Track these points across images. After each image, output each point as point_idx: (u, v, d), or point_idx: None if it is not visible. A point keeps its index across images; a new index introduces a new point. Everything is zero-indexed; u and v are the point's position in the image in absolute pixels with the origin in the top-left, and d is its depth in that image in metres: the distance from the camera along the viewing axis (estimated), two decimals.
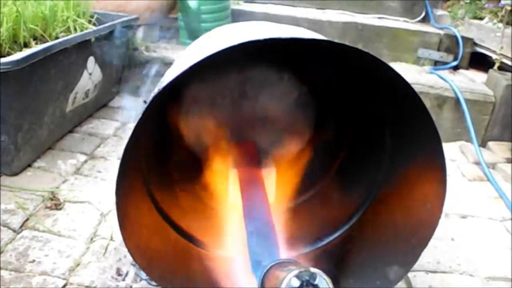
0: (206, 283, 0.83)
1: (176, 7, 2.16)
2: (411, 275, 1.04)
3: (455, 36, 2.28)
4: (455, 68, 2.27)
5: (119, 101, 1.89)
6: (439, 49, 2.31)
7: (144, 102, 0.71)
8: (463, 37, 2.27)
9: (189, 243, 0.90)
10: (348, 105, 0.97)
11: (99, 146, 1.51)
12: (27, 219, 1.08)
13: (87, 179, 1.30)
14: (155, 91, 0.65)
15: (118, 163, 0.65)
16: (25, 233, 1.04)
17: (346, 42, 0.64)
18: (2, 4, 1.28)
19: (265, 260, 0.64)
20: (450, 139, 1.86)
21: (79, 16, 1.58)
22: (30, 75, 1.19)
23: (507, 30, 1.96)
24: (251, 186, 0.86)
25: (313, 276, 0.51)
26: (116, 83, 1.89)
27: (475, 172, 1.63)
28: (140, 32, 2.03)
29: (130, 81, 1.93)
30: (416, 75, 2.07)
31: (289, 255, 0.71)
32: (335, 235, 0.92)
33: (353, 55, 0.66)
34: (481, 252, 1.17)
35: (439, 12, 2.64)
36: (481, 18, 2.31)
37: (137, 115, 0.63)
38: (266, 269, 0.60)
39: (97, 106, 1.77)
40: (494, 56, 2.01)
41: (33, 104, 1.26)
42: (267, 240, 0.71)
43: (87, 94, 1.59)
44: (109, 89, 1.82)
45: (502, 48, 1.94)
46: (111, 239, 1.05)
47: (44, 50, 1.21)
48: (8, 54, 1.21)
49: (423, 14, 2.63)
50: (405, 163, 0.82)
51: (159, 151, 0.96)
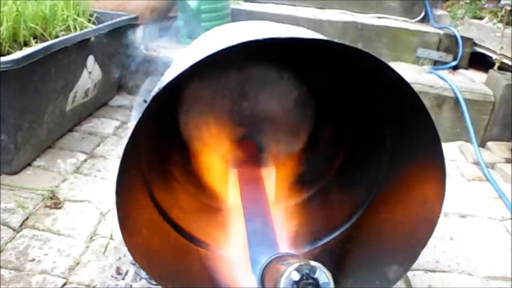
0: (206, 282, 0.83)
1: (176, 6, 2.16)
2: (410, 274, 1.04)
3: (454, 36, 2.28)
4: (455, 68, 2.27)
5: (118, 100, 1.89)
6: (438, 49, 2.31)
7: (144, 101, 0.71)
8: (463, 37, 2.27)
9: (189, 243, 0.90)
10: (348, 105, 0.97)
11: (98, 145, 1.51)
12: (27, 218, 1.09)
13: (87, 178, 1.31)
14: (155, 90, 0.65)
15: (118, 162, 0.65)
16: (25, 232, 1.04)
17: (346, 42, 0.64)
18: (2, 3, 1.28)
19: (264, 259, 0.64)
20: (449, 139, 1.86)
21: (79, 15, 1.58)
22: (30, 74, 1.19)
23: (507, 30, 1.96)
24: (251, 186, 0.86)
25: (313, 269, 0.51)
26: (115, 82, 1.89)
27: (474, 172, 1.63)
28: (139, 31, 2.03)
29: (129, 80, 1.94)
30: (416, 74, 2.07)
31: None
32: (335, 234, 0.92)
33: (353, 55, 0.66)
34: (480, 252, 1.18)
35: (439, 12, 2.64)
36: (481, 18, 2.31)
37: (137, 115, 0.63)
38: (266, 263, 0.60)
39: (97, 105, 1.77)
40: (494, 56, 2.01)
41: (33, 103, 1.26)
42: (267, 239, 0.71)
43: (86, 93, 1.59)
44: (108, 88, 1.82)
45: (502, 48, 1.94)
46: (111, 238, 1.05)
47: (44, 49, 1.21)
48: (8, 53, 1.21)
49: (422, 14, 2.63)
50: (404, 163, 0.82)
51: (159, 150, 0.96)
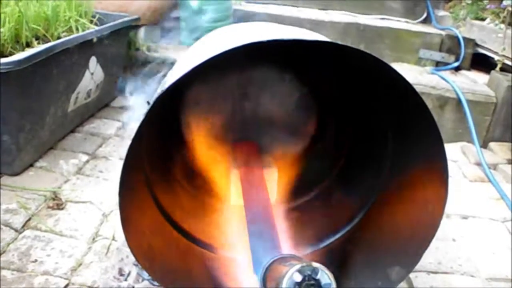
0: (208, 283, 0.83)
1: (178, 7, 2.17)
2: (412, 275, 1.04)
3: (456, 37, 2.28)
4: (457, 69, 2.27)
5: (120, 101, 1.89)
6: (440, 50, 2.31)
7: (148, 103, 0.71)
8: (465, 38, 2.26)
9: (191, 244, 0.90)
10: (350, 106, 0.97)
11: (101, 146, 1.51)
12: (29, 219, 1.09)
13: (89, 179, 1.31)
14: (158, 92, 0.65)
15: (120, 163, 0.65)
16: (27, 233, 1.04)
17: (348, 43, 0.64)
18: (4, 4, 1.29)
19: (266, 260, 0.64)
20: (451, 140, 1.86)
21: (81, 16, 1.58)
22: (32, 75, 1.19)
23: (509, 31, 1.96)
24: (253, 187, 0.86)
25: (315, 270, 0.51)
26: (117, 83, 1.89)
27: (476, 173, 1.63)
28: (141, 32, 2.03)
29: (131, 81, 1.94)
30: (418, 75, 2.07)
31: None
32: (337, 236, 0.92)
33: (354, 56, 0.66)
34: (482, 253, 1.17)
35: (441, 13, 2.64)
36: (483, 19, 2.31)
37: (139, 115, 0.64)
38: (268, 264, 0.60)
39: (99, 106, 1.77)
40: (496, 57, 2.01)
41: (35, 104, 1.26)
42: (269, 240, 0.71)
43: (89, 94, 1.59)
44: (110, 89, 1.82)
45: (504, 49, 1.94)
46: (113, 239, 1.05)
47: (46, 50, 1.21)
48: (10, 54, 1.21)
49: (424, 15, 2.63)
50: (407, 164, 0.82)
51: (162, 151, 0.96)
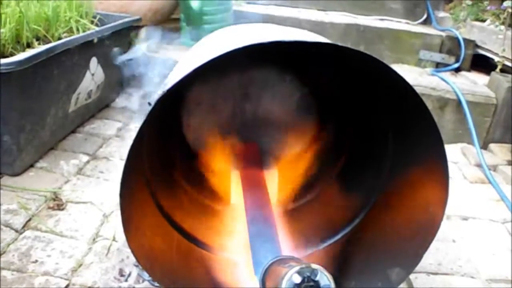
0: (208, 284, 0.83)
1: (178, 8, 2.17)
2: (412, 276, 1.04)
3: (457, 38, 2.28)
4: (457, 70, 2.27)
5: (121, 101, 1.89)
6: (441, 51, 2.31)
7: (149, 104, 0.71)
8: (465, 39, 2.27)
9: (191, 244, 0.90)
10: (350, 107, 0.97)
11: (101, 146, 1.51)
12: (29, 220, 1.09)
13: (90, 179, 1.31)
14: (159, 93, 0.65)
15: (121, 164, 0.65)
16: (28, 233, 1.04)
17: (348, 44, 0.65)
18: (5, 5, 1.29)
19: (267, 261, 0.65)
20: (451, 141, 1.86)
21: (81, 16, 1.58)
22: (33, 75, 1.19)
23: (509, 33, 1.96)
24: (253, 188, 0.86)
25: (314, 272, 0.51)
26: (118, 84, 1.89)
27: (476, 174, 1.63)
28: (142, 33, 2.03)
29: (132, 81, 1.94)
30: (418, 77, 2.07)
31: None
32: (337, 237, 0.92)
33: (354, 57, 0.66)
34: (482, 254, 1.18)
35: (441, 14, 2.64)
36: (483, 20, 2.31)
37: (140, 116, 0.64)
38: (267, 265, 0.60)
39: (100, 106, 1.77)
40: (496, 58, 2.01)
41: (36, 105, 1.26)
42: (269, 241, 0.71)
43: (89, 95, 1.59)
44: (111, 89, 1.82)
45: (504, 50, 1.94)
46: (114, 239, 1.05)
47: (47, 50, 1.21)
48: (11, 54, 1.21)
49: (425, 16, 2.63)
50: (407, 166, 0.82)
51: (162, 152, 0.96)
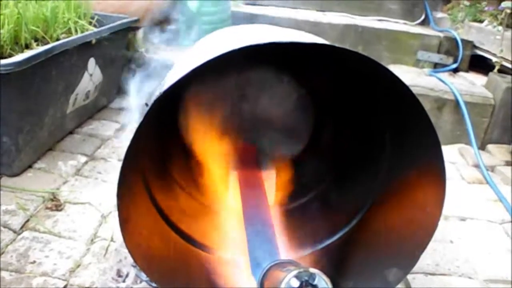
0: (206, 284, 0.83)
1: (177, 8, 2.17)
2: (410, 277, 1.04)
3: (454, 39, 2.28)
4: (455, 70, 2.27)
5: (119, 102, 1.89)
6: (439, 52, 2.32)
7: (146, 104, 0.71)
8: (463, 40, 2.27)
9: (189, 245, 0.90)
10: (348, 109, 0.97)
11: (99, 147, 1.52)
12: (27, 220, 1.09)
13: (88, 180, 1.31)
14: (157, 94, 0.65)
15: (119, 165, 0.65)
16: (26, 234, 1.04)
17: (346, 45, 0.65)
18: (3, 6, 1.29)
19: (265, 262, 0.65)
20: (449, 142, 1.86)
21: (80, 17, 1.58)
22: (31, 76, 1.19)
23: (507, 33, 1.97)
24: (251, 188, 0.86)
25: (312, 276, 0.51)
26: (116, 85, 1.89)
27: (474, 175, 1.63)
28: (140, 34, 2.03)
29: (130, 82, 1.94)
30: (416, 77, 2.08)
31: (288, 257, 0.71)
32: (335, 237, 0.92)
33: (352, 58, 0.66)
34: (480, 255, 1.18)
35: (439, 14, 2.65)
36: (481, 21, 2.31)
37: (138, 117, 0.64)
38: (265, 269, 0.60)
39: (98, 107, 1.77)
40: (494, 59, 2.02)
41: (34, 106, 1.26)
42: (267, 242, 0.71)
43: (87, 96, 1.59)
44: (109, 90, 1.82)
45: (502, 51, 1.95)
46: (112, 240, 1.05)
47: (45, 51, 1.21)
48: (10, 55, 1.21)
49: (423, 16, 2.64)
50: (404, 167, 0.82)
51: (160, 153, 0.96)
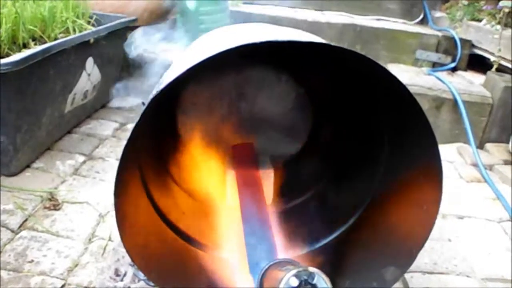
0: (204, 284, 0.83)
1: (175, 8, 2.17)
2: (408, 276, 1.04)
3: (453, 38, 2.28)
4: (453, 69, 2.27)
5: (117, 102, 1.89)
6: (437, 51, 2.32)
7: (143, 103, 0.71)
8: (461, 39, 2.27)
9: (187, 244, 0.90)
10: (346, 108, 0.97)
11: (97, 147, 1.51)
12: (25, 220, 1.09)
13: (86, 179, 1.31)
14: (153, 93, 0.65)
15: (117, 164, 0.65)
16: (24, 233, 1.04)
17: (345, 44, 0.65)
18: (1, 5, 1.29)
19: (263, 261, 0.65)
20: (448, 141, 1.86)
21: (78, 17, 1.58)
22: (29, 76, 1.19)
23: (505, 32, 1.97)
24: (249, 188, 0.86)
25: (311, 275, 0.51)
26: (114, 84, 1.89)
27: (472, 174, 1.63)
28: (139, 33, 2.03)
29: (128, 82, 1.94)
30: (414, 76, 2.07)
31: (286, 256, 0.71)
32: (332, 236, 0.92)
33: (350, 57, 0.66)
34: (478, 253, 1.18)
35: (438, 14, 2.65)
36: (479, 20, 2.32)
37: (136, 117, 0.64)
38: (265, 269, 0.60)
39: (96, 107, 1.77)
40: (492, 58, 2.02)
41: (32, 105, 1.26)
42: (265, 241, 0.71)
43: (85, 95, 1.59)
44: (107, 90, 1.82)
45: (500, 50, 1.95)
46: (110, 239, 1.05)
47: (43, 51, 1.21)
48: (7, 55, 1.21)
49: (421, 16, 2.64)
50: (402, 166, 0.82)
51: (158, 152, 0.96)
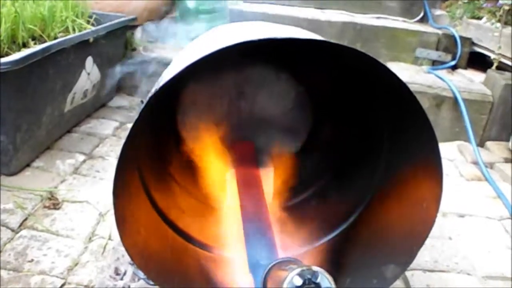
0: (203, 282, 0.83)
1: (174, 7, 2.17)
2: (409, 274, 1.04)
3: (453, 36, 2.28)
4: (453, 67, 2.27)
5: (117, 101, 1.89)
6: (437, 49, 2.31)
7: (141, 102, 0.71)
8: (461, 37, 2.27)
9: (186, 243, 0.90)
10: (346, 106, 0.97)
11: (97, 146, 1.51)
12: (25, 219, 1.09)
13: (86, 178, 1.31)
14: (152, 91, 0.65)
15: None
16: (24, 232, 1.04)
17: (345, 42, 0.64)
18: (1, 5, 1.29)
19: (262, 260, 0.65)
20: (448, 139, 1.85)
21: (77, 16, 1.58)
22: (29, 75, 1.19)
23: (505, 30, 1.96)
24: (249, 186, 0.86)
25: (315, 274, 0.51)
26: (114, 83, 1.89)
27: (473, 172, 1.63)
28: (138, 32, 2.03)
29: (128, 81, 1.94)
30: (414, 74, 2.07)
31: (286, 254, 0.71)
32: (332, 234, 0.92)
33: (349, 55, 0.66)
34: (478, 251, 1.18)
35: (438, 12, 2.64)
36: (479, 18, 2.31)
37: (135, 115, 0.64)
38: (268, 268, 0.60)
39: (96, 106, 1.77)
40: (492, 56, 2.01)
41: (32, 104, 1.26)
42: (265, 240, 0.71)
43: (85, 94, 1.59)
44: (107, 89, 1.82)
45: (500, 47, 1.94)
46: (110, 238, 1.05)
47: (43, 50, 1.21)
48: (7, 54, 1.21)
49: (421, 14, 2.63)
50: (402, 163, 0.82)
51: (157, 150, 0.96)
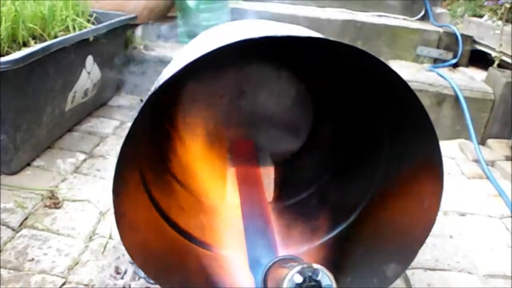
0: (203, 281, 0.83)
1: (175, 5, 2.16)
2: (409, 272, 1.04)
3: (454, 34, 2.27)
4: (455, 65, 2.26)
5: (118, 99, 1.89)
6: (438, 47, 2.31)
7: (141, 100, 0.71)
8: (463, 35, 2.26)
9: (186, 241, 0.90)
10: (347, 104, 0.97)
11: (98, 145, 1.51)
12: (26, 218, 1.09)
13: (86, 177, 1.31)
14: (152, 89, 0.65)
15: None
16: (24, 231, 1.04)
17: (346, 40, 0.64)
18: (1, 4, 1.28)
19: (263, 259, 0.64)
20: (449, 137, 1.85)
21: (78, 15, 1.58)
22: (29, 74, 1.19)
23: (506, 28, 1.96)
24: (249, 185, 0.86)
25: (315, 272, 0.51)
26: (115, 82, 1.89)
27: (474, 170, 1.63)
28: (139, 31, 2.03)
29: (129, 79, 1.93)
30: (416, 72, 2.06)
31: (286, 253, 0.71)
32: (333, 233, 0.92)
33: (350, 53, 0.66)
34: (480, 250, 1.17)
35: (439, 10, 2.64)
36: (481, 16, 2.31)
37: (135, 114, 0.64)
38: (268, 266, 0.60)
39: (96, 105, 1.77)
40: (494, 54, 2.01)
41: (32, 103, 1.26)
42: (265, 238, 0.71)
43: (86, 93, 1.59)
44: (108, 88, 1.82)
45: (501, 45, 1.94)
46: (110, 237, 1.05)
47: (43, 49, 1.21)
48: (7, 53, 1.21)
49: (422, 12, 2.63)
50: (403, 162, 0.82)
51: (157, 149, 0.96)
